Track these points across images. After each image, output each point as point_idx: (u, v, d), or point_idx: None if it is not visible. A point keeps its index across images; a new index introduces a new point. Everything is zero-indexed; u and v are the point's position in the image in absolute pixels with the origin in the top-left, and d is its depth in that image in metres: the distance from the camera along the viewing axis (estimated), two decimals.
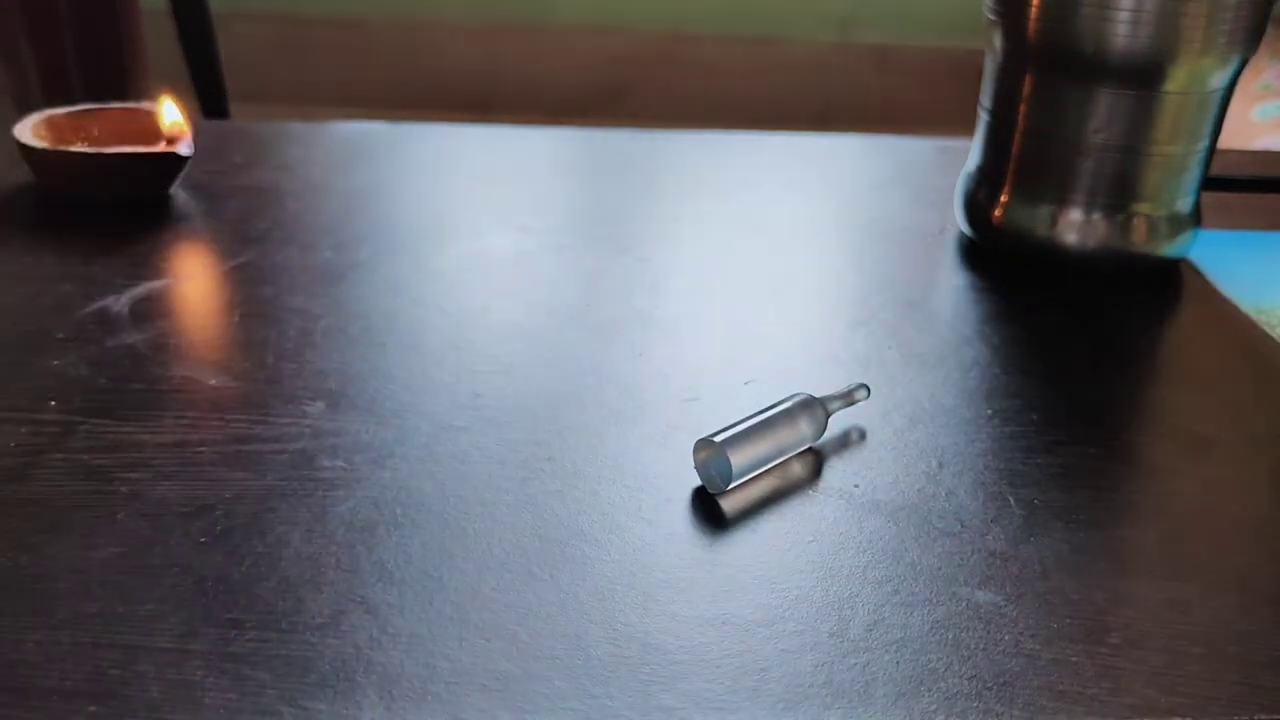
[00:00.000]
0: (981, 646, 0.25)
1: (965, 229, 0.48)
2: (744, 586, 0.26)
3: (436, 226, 0.48)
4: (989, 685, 0.24)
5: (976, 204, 0.47)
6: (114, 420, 0.32)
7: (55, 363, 0.35)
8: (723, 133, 0.63)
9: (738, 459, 0.30)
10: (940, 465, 0.32)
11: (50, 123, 0.49)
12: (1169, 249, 0.45)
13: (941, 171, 0.57)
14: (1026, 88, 0.44)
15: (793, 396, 0.32)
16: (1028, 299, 0.43)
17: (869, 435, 0.33)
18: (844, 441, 0.33)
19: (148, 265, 0.43)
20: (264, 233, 0.46)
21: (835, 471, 0.31)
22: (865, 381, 0.36)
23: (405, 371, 0.36)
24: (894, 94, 1.86)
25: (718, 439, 0.30)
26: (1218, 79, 0.42)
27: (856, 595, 0.26)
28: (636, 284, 0.43)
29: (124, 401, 0.33)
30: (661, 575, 0.26)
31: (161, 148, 0.48)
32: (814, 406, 0.31)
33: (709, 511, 0.29)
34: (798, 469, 0.31)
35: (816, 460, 0.32)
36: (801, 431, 0.31)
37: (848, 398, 0.33)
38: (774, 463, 0.31)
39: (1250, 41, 0.41)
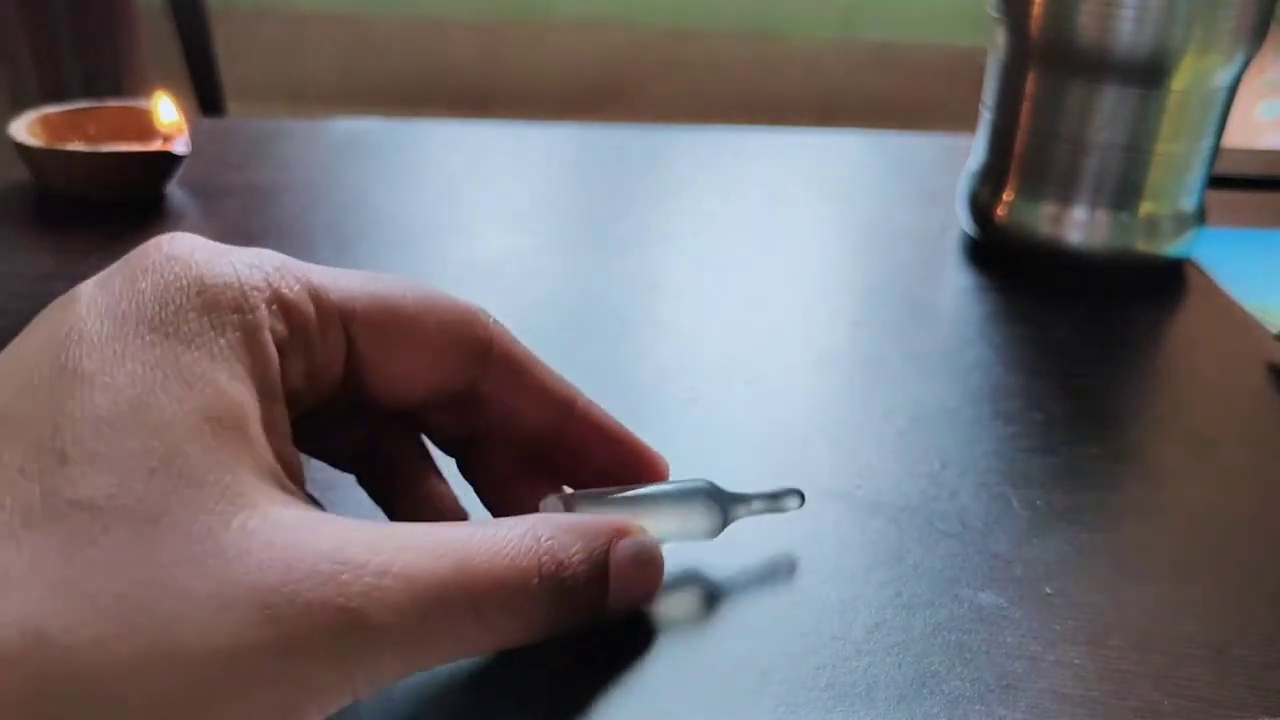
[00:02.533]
0: (984, 649, 0.25)
1: (968, 227, 0.48)
2: (745, 588, 0.26)
3: (435, 224, 0.48)
4: (992, 688, 0.24)
5: (979, 202, 0.47)
6: None
7: None
8: (724, 129, 0.62)
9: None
10: (943, 466, 0.32)
11: (46, 121, 0.49)
12: (1173, 248, 0.45)
13: (944, 169, 0.57)
14: (1030, 85, 0.43)
15: (692, 482, 0.25)
16: (1031, 298, 0.43)
17: (871, 436, 0.33)
18: (844, 444, 0.33)
19: None
20: (261, 231, 0.46)
21: (837, 473, 0.31)
22: (865, 384, 0.35)
23: None
24: (896, 91, 1.86)
25: (571, 492, 0.24)
26: (1222, 76, 0.42)
27: (858, 597, 0.26)
28: (636, 283, 0.43)
29: None
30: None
31: (158, 146, 0.48)
32: (711, 501, 0.25)
33: None
34: (798, 470, 0.31)
35: (818, 462, 0.32)
36: (691, 523, 0.25)
37: (772, 503, 0.27)
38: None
39: (1254, 39, 0.41)
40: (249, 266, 0.20)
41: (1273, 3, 0.41)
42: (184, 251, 0.19)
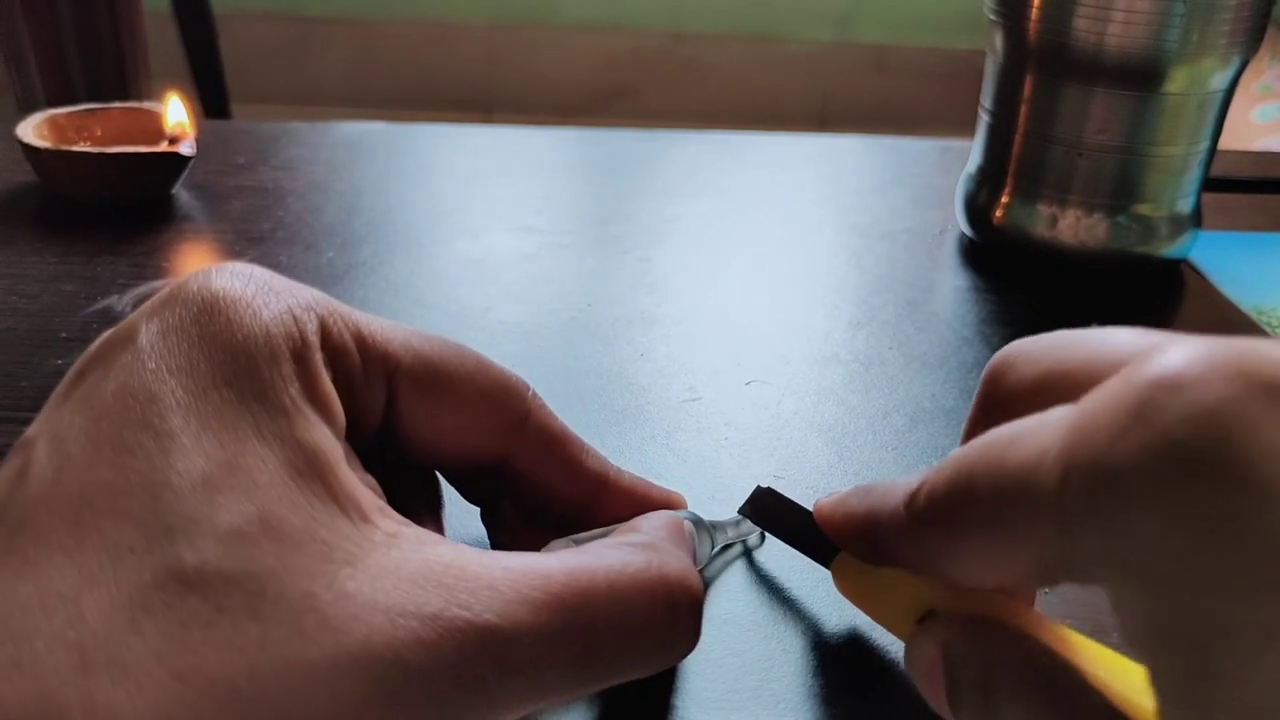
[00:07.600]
0: None
1: (966, 229, 0.48)
2: (745, 585, 0.27)
3: (438, 226, 0.48)
4: None
5: (977, 205, 0.47)
6: None
7: (59, 362, 0.36)
8: (723, 133, 0.63)
9: None
10: None
11: (52, 123, 0.49)
12: (1169, 250, 0.45)
13: (942, 172, 0.57)
14: (1027, 88, 0.44)
15: (681, 514, 0.25)
16: (1028, 300, 0.44)
17: (869, 436, 0.33)
18: (843, 443, 0.33)
19: (151, 265, 0.43)
20: (266, 233, 0.46)
21: (835, 472, 0.32)
22: (864, 384, 0.36)
23: None
24: (894, 94, 1.87)
25: (578, 535, 0.24)
26: (1218, 80, 0.42)
27: None
28: (637, 284, 0.44)
29: None
30: None
31: (164, 148, 0.48)
32: (703, 530, 0.26)
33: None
34: (797, 470, 0.32)
35: (817, 462, 0.32)
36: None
37: (737, 531, 0.27)
38: None
39: (1250, 43, 0.42)
40: (304, 309, 0.20)
41: (1269, 6, 0.42)
42: (242, 295, 0.19)
